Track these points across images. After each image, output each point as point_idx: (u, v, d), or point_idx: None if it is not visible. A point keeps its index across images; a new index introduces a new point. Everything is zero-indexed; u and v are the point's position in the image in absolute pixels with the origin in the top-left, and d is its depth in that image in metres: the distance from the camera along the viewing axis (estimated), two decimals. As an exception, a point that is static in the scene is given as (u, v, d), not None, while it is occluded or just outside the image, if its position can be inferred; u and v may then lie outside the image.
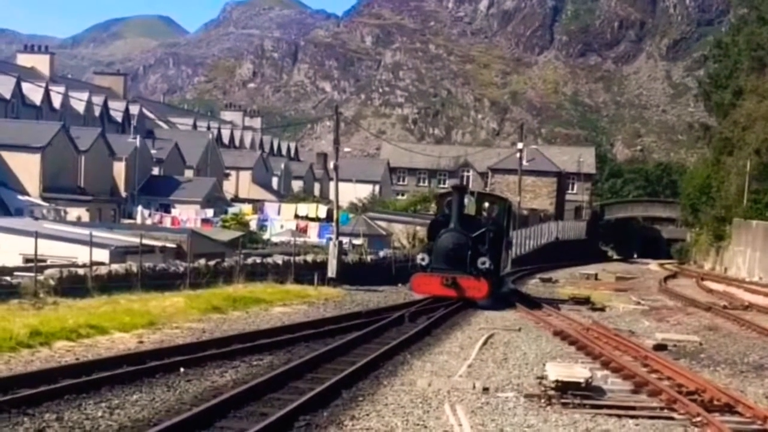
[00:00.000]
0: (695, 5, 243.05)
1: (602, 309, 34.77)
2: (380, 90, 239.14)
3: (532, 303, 34.58)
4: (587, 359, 20.38)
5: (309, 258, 43.47)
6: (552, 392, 15.64)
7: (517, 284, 47.24)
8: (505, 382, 17.05)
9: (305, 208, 70.87)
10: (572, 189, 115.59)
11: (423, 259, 32.90)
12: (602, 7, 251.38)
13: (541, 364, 18.71)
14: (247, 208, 70.84)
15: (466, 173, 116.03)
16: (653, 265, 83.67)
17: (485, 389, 16.07)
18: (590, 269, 65.69)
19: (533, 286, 49.40)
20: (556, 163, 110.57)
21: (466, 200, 34.45)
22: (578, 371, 16.51)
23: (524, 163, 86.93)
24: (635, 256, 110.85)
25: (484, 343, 22.46)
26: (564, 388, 15.62)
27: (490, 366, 19.07)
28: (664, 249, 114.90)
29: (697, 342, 24.44)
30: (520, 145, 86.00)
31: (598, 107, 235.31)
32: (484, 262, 31.93)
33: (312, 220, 67.51)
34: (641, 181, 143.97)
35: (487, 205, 37.09)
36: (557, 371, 16.23)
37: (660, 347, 22.94)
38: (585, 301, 36.54)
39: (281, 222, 67.35)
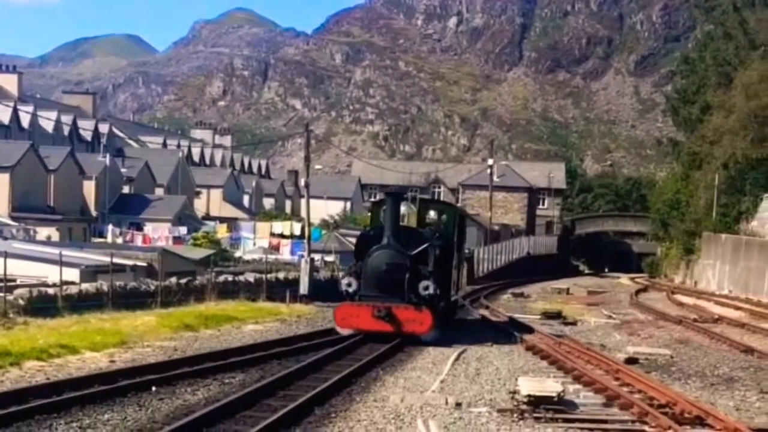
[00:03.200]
0: (662, 22, 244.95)
1: (574, 323, 34.90)
2: (350, 107, 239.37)
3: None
4: (559, 373, 20.47)
5: (281, 275, 43.44)
6: (524, 407, 15.69)
7: (489, 300, 47.23)
8: (477, 398, 17.08)
9: (280, 226, 70.78)
10: (543, 204, 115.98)
11: (349, 285, 25.98)
12: (570, 24, 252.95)
13: (514, 379, 18.75)
14: (221, 226, 70.67)
15: (437, 189, 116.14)
16: (624, 279, 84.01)
17: (458, 404, 16.09)
18: (562, 284, 65.89)
19: (505, 301, 49.49)
20: (526, 178, 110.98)
21: (403, 209, 28.78)
22: (550, 385, 16.58)
23: (495, 178, 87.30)
24: (606, 270, 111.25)
25: (457, 358, 22.50)
26: (536, 402, 15.68)
27: (463, 381, 19.10)
28: (635, 263, 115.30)
29: (668, 355, 24.58)
30: (490, 161, 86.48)
31: (567, 123, 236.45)
32: (426, 287, 25.36)
33: (286, 237, 67.42)
34: (611, 196, 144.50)
35: (432, 214, 30.50)
36: (529, 386, 16.29)
37: (631, 361, 23.08)
38: (557, 316, 36.61)
39: (254, 240, 67.22)
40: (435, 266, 26.43)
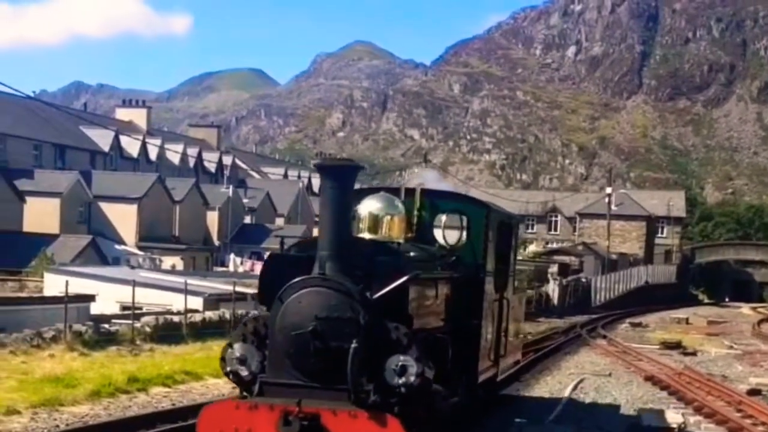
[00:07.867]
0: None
1: (694, 353, 34.39)
2: (468, 137, 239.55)
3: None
4: (680, 404, 20.24)
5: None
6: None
7: (607, 329, 46.48)
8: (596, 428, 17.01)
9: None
10: (662, 233, 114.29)
11: (241, 360, 10.97)
12: (691, 51, 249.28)
13: (633, 410, 18.63)
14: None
15: (554, 218, 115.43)
16: (746, 308, 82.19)
17: (576, 434, 16.09)
18: (681, 313, 64.78)
19: (623, 330, 48.86)
20: (645, 207, 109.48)
21: (378, 205, 13.19)
22: (671, 417, 16.47)
23: (613, 207, 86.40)
24: (726, 299, 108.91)
25: (574, 388, 22.40)
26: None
27: (581, 412, 19.04)
28: (756, 292, 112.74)
29: (792, 387, 24.08)
30: (608, 190, 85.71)
31: (687, 151, 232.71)
32: (403, 369, 10.05)
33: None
34: (732, 224, 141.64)
35: (444, 219, 14.30)
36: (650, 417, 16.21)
37: (754, 392, 22.65)
38: (676, 346, 36.10)
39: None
40: (446, 316, 12.75)
